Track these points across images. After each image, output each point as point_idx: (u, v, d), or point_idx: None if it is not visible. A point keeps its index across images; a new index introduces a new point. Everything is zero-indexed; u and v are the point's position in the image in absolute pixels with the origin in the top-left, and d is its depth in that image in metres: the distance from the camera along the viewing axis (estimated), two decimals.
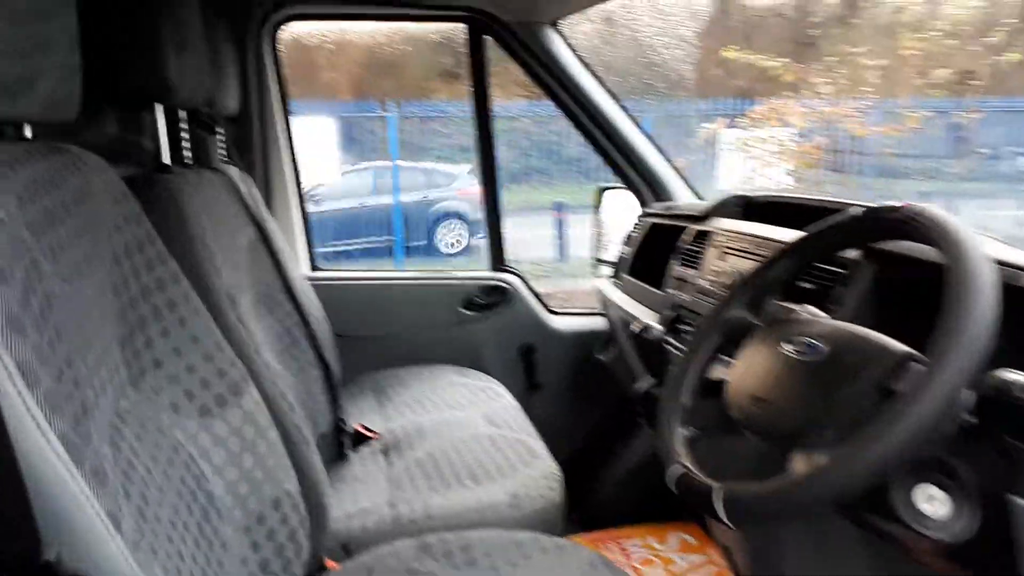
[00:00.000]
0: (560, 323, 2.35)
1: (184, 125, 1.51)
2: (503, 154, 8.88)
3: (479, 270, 2.36)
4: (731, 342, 1.06)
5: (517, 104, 8.36)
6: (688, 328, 1.52)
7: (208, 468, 0.95)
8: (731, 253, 1.44)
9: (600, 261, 2.48)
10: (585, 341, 2.33)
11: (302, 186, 2.30)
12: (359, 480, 1.59)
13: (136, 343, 0.91)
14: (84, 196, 0.86)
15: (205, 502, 0.93)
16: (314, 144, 7.65)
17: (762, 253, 1.34)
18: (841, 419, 0.81)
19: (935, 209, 0.86)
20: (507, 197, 7.49)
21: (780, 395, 0.89)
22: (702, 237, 1.60)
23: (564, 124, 2.23)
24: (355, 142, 7.90)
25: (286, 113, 2.22)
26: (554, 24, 2.09)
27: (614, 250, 2.48)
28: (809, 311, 1.02)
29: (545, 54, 2.06)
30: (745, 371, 0.96)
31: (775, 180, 7.62)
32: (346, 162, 8.08)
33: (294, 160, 2.26)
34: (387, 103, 7.65)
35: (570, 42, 2.11)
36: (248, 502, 1.00)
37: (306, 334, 1.68)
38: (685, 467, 0.94)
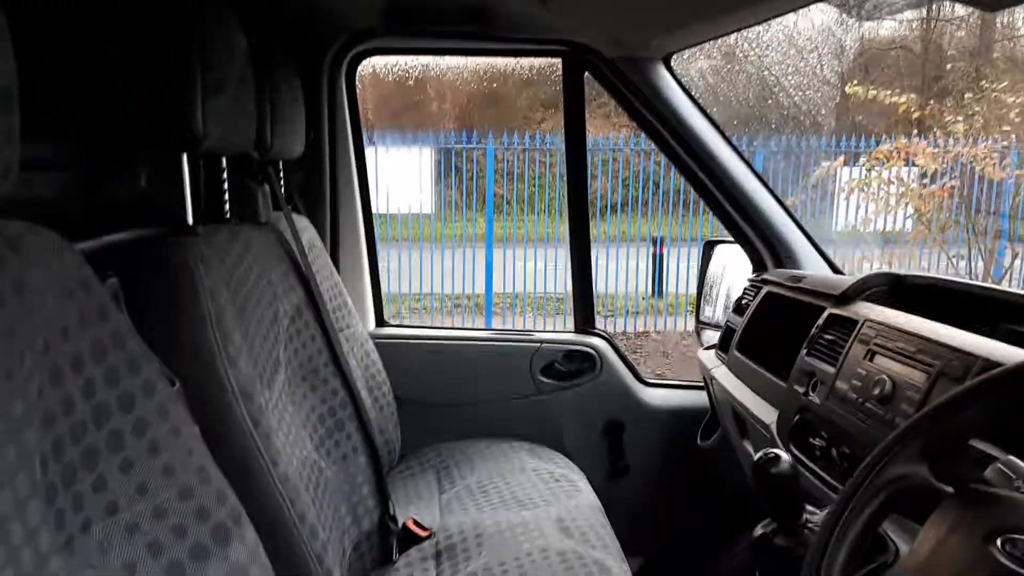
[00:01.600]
0: (654, 396, 2.04)
1: (226, 175, 1.30)
2: (600, 185, 8.62)
3: (564, 332, 2.08)
4: (899, 510, 0.74)
5: (620, 134, 8.11)
6: (819, 443, 1.19)
7: None
8: (882, 353, 1.11)
9: (703, 324, 2.16)
10: (682, 419, 2.01)
11: (374, 231, 2.08)
12: None
13: (77, 487, 0.68)
14: (15, 291, 0.63)
15: None
16: (412, 174, 7.60)
17: (926, 360, 1.00)
18: None
19: None
20: (602, 227, 7.18)
21: None
22: (841, 324, 1.27)
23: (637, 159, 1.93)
24: (454, 171, 7.78)
25: (360, 152, 2.01)
26: (665, 60, 1.81)
27: (719, 314, 2.16)
28: (1015, 467, 0.70)
29: (652, 92, 1.77)
30: (927, 570, 0.65)
31: (897, 223, 7.03)
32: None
33: (366, 202, 2.05)
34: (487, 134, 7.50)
35: (681, 80, 1.81)
36: None
37: (353, 413, 1.44)
38: None
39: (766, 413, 1.42)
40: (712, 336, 2.08)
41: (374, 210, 2.11)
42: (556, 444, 1.94)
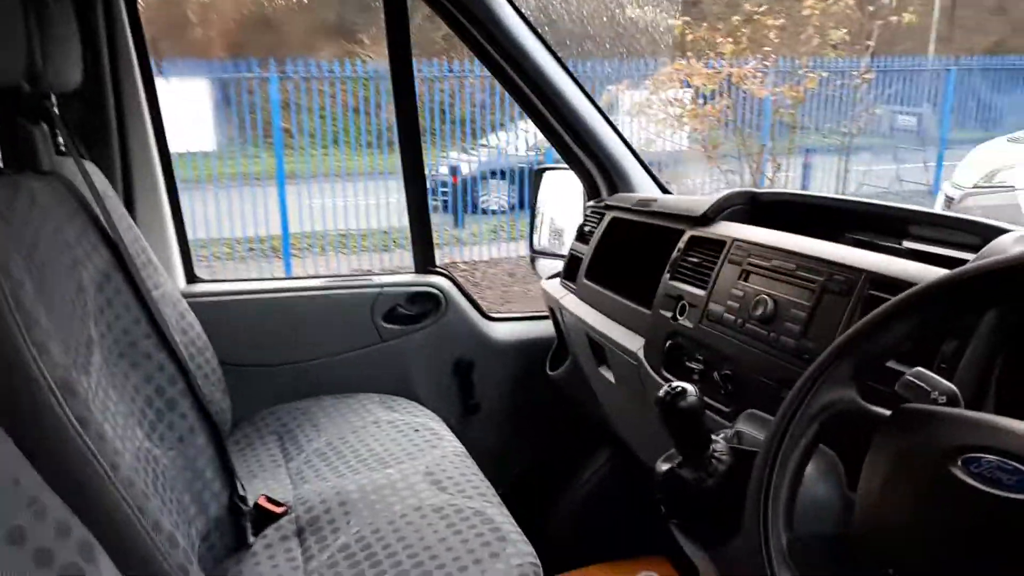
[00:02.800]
0: (500, 331, 1.98)
1: None
2: (387, 116, 8.35)
3: (404, 273, 1.95)
4: (834, 438, 0.73)
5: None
6: (695, 367, 1.19)
7: None
8: (759, 272, 1.11)
9: (538, 253, 2.13)
10: (530, 352, 1.98)
11: (174, 174, 1.80)
12: None
13: None
14: None
15: None
16: (185, 110, 6.86)
17: (808, 276, 1.01)
18: None
19: None
20: (392, 160, 7.00)
21: (973, 557, 0.56)
22: (705, 246, 1.26)
23: (453, 83, 1.82)
24: (232, 106, 7.13)
25: (149, 82, 1.71)
26: None
27: (546, 240, 2.13)
28: (928, 379, 0.70)
29: (483, 11, 1.64)
30: (884, 500, 0.64)
31: (676, 142, 7.48)
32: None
33: (162, 142, 1.76)
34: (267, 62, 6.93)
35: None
36: None
37: (185, 389, 1.25)
38: None
39: (629, 340, 1.41)
40: (548, 265, 2.06)
41: None
42: (406, 392, 1.83)
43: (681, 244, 1.32)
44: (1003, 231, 0.88)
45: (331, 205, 6.92)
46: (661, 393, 0.90)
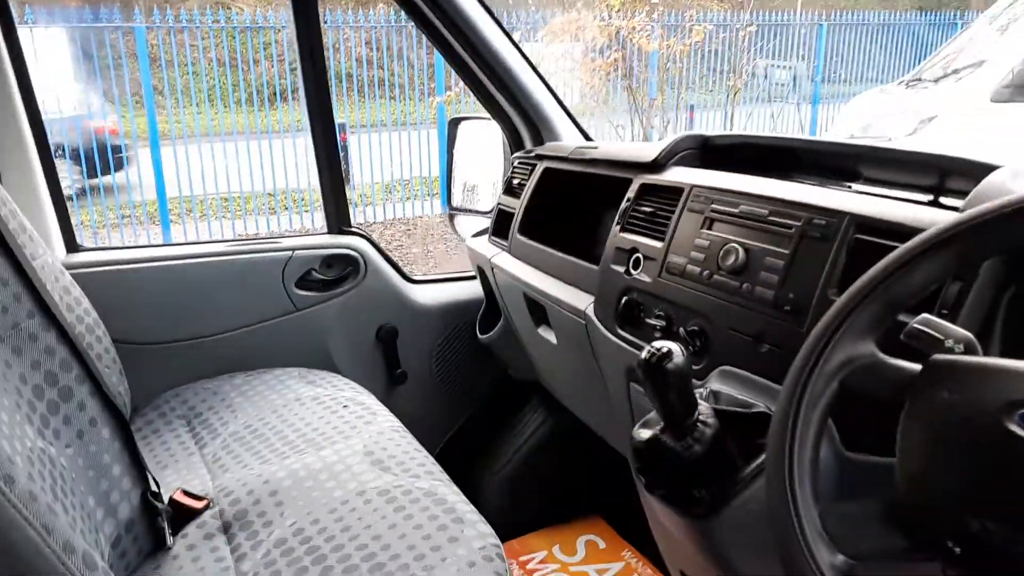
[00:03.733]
0: (424, 295, 1.87)
1: None
2: (265, 70, 7.87)
3: (318, 235, 1.79)
4: (859, 395, 0.67)
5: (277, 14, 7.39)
6: (656, 323, 1.12)
7: None
8: (724, 220, 1.04)
9: (456, 210, 2.02)
10: (456, 315, 1.88)
11: (45, 133, 1.56)
12: None
13: None
14: None
15: None
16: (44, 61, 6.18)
17: (783, 222, 0.95)
18: None
19: None
20: (275, 116, 6.61)
21: None
22: (658, 193, 1.19)
23: (336, 35, 1.68)
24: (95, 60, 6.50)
25: (9, 26, 1.46)
26: None
27: (472, 198, 2.02)
28: (942, 328, 0.65)
29: None
30: (932, 464, 0.58)
31: (569, 96, 7.43)
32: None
33: (29, 96, 1.51)
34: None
35: None
36: None
37: (82, 374, 1.07)
38: None
39: (575, 298, 1.33)
40: (470, 222, 1.95)
41: None
42: (326, 364, 1.70)
43: (631, 193, 1.24)
44: (988, 167, 0.84)
45: (210, 167, 6.47)
46: (644, 355, 0.82)
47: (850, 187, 1.12)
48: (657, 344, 0.82)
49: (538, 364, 1.68)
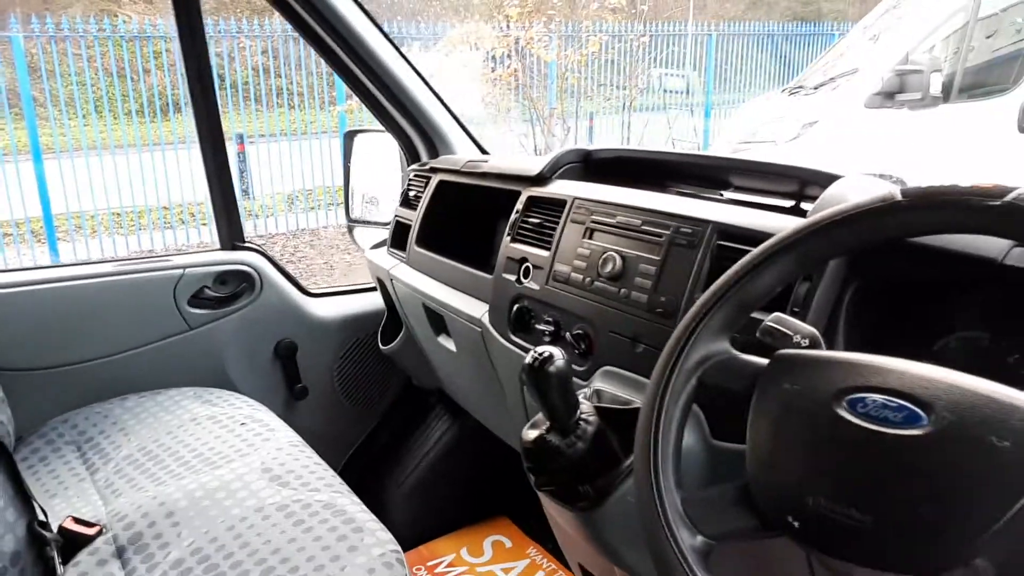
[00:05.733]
0: (322, 308, 1.87)
1: None
2: (157, 81, 7.61)
3: (210, 251, 1.77)
4: (714, 390, 0.73)
5: (167, 22, 7.15)
6: (545, 328, 1.18)
7: None
8: (603, 229, 1.10)
9: (355, 222, 2.03)
10: (356, 327, 1.89)
11: None
12: None
13: None
14: None
15: None
16: None
17: (654, 231, 1.02)
18: (1003, 544, 0.53)
19: None
20: (168, 128, 6.37)
21: (871, 494, 0.58)
22: (544, 205, 1.24)
23: (231, 44, 1.68)
24: None
25: None
26: None
27: (371, 210, 2.04)
28: (789, 324, 0.73)
29: None
30: (776, 448, 0.65)
31: (470, 106, 7.50)
32: None
33: None
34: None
35: None
36: None
37: None
38: None
39: (471, 307, 1.37)
40: (368, 234, 1.96)
41: None
42: (224, 383, 1.68)
43: (519, 205, 1.29)
44: (833, 177, 0.93)
45: (100, 181, 6.19)
46: (528, 359, 0.86)
47: (722, 195, 1.21)
48: (540, 349, 0.86)
49: (440, 372, 1.71)
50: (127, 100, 6.94)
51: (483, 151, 1.82)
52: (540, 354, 0.86)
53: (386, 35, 1.66)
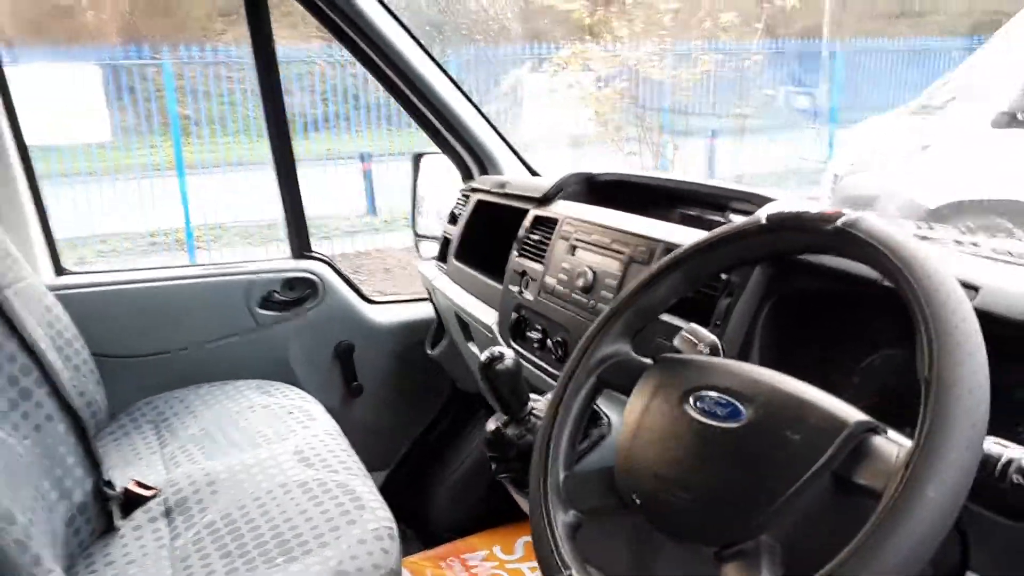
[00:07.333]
0: (380, 315, 2.05)
1: None
2: (299, 100, 8.19)
3: (280, 259, 1.99)
4: (610, 386, 0.82)
5: (313, 46, 7.71)
6: (535, 336, 1.29)
7: None
8: (581, 246, 1.21)
9: (420, 237, 2.20)
10: (410, 333, 2.05)
11: (32, 165, 1.78)
12: (134, 562, 1.23)
13: None
14: None
15: None
16: (77, 97, 6.57)
17: (618, 248, 1.12)
18: (784, 522, 0.60)
19: (877, 221, 0.66)
20: (306, 146, 6.84)
21: (693, 477, 0.67)
22: (545, 224, 1.36)
23: (360, 68, 1.86)
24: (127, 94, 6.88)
25: None
26: None
27: (435, 226, 2.20)
28: (696, 333, 0.81)
29: (346, 5, 1.68)
30: (637, 435, 0.73)
31: (580, 125, 7.63)
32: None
33: (16, 132, 1.73)
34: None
35: None
36: None
37: (40, 378, 1.27)
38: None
39: (487, 315, 1.50)
40: (431, 248, 2.13)
41: (33, 142, 1.79)
42: (286, 377, 1.88)
43: (526, 222, 1.41)
44: (765, 199, 1.00)
45: (241, 194, 6.78)
46: (483, 358, 0.98)
47: (726, 216, 1.28)
48: (493, 348, 0.98)
49: (475, 376, 1.85)
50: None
51: (532, 172, 1.95)
52: (492, 353, 0.98)
53: (437, 63, 1.82)
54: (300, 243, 1.97)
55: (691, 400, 0.70)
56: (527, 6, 7.09)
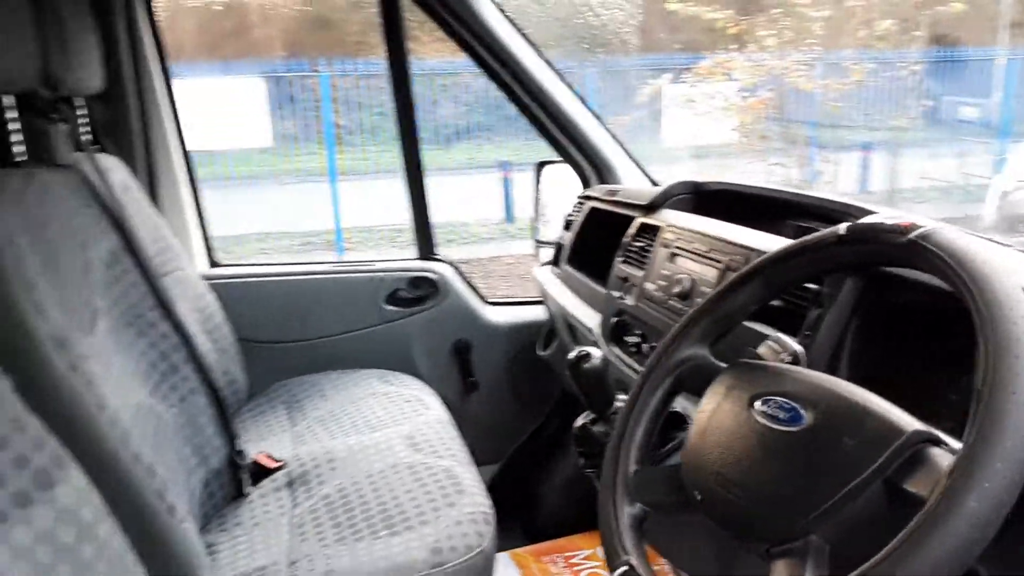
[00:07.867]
0: (497, 315, 2.13)
1: (13, 114, 1.22)
2: (445, 111, 8.52)
3: (405, 259, 2.12)
4: (687, 388, 0.85)
5: (460, 59, 8.02)
6: (633, 340, 1.32)
7: None
8: (682, 254, 1.23)
9: (540, 243, 2.27)
10: (525, 334, 2.12)
11: (193, 168, 2.00)
12: (259, 524, 1.36)
13: None
14: None
15: None
16: (244, 105, 7.19)
17: (716, 257, 1.13)
18: (833, 525, 0.61)
19: (951, 233, 0.66)
20: (450, 155, 7.14)
21: (751, 477, 0.69)
22: (649, 232, 1.39)
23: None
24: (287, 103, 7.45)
25: (168, 85, 1.91)
26: None
27: (554, 232, 2.26)
28: (781, 342, 0.82)
29: (469, 15, 1.79)
30: (705, 435, 0.76)
31: (721, 135, 7.47)
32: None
33: (181, 139, 1.96)
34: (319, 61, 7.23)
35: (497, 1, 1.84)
36: None
37: (187, 355, 1.43)
38: (629, 566, 0.73)
39: (590, 318, 1.54)
40: (549, 253, 2.19)
41: (205, 147, 2.03)
42: (408, 369, 2.00)
43: (631, 230, 1.44)
44: (866, 211, 0.99)
45: (388, 200, 7.17)
46: (570, 356, 1.03)
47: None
48: (582, 347, 1.03)
49: None
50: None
51: (652, 181, 1.97)
52: (580, 352, 1.03)
53: (558, 72, 1.88)
54: (426, 245, 2.09)
55: (758, 403, 0.72)
56: (670, 17, 7.04)
